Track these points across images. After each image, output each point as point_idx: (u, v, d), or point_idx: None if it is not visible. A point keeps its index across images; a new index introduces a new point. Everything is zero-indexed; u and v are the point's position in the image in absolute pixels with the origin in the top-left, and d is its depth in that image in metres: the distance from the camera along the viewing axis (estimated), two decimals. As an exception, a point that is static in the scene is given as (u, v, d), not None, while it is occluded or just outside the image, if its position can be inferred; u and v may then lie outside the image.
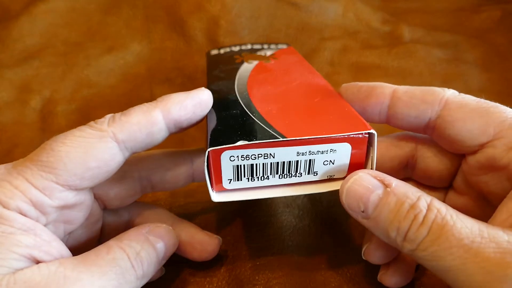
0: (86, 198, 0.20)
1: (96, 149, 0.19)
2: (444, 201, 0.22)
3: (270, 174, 0.20)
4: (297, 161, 0.20)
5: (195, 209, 0.30)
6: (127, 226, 0.24)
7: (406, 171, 0.24)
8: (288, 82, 0.24)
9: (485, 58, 0.38)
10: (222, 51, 0.32)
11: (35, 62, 0.38)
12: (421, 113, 0.21)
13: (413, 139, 0.23)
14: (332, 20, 0.40)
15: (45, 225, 0.19)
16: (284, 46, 0.33)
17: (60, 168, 0.18)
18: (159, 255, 0.20)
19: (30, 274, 0.16)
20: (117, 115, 0.20)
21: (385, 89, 0.22)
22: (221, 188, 0.20)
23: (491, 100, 0.29)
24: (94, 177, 0.19)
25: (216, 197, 0.20)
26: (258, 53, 0.31)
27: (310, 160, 0.20)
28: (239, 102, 0.22)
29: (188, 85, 0.37)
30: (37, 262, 0.17)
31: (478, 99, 0.20)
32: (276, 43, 0.33)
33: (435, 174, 0.23)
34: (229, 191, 0.20)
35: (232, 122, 0.20)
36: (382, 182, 0.19)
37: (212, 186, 0.20)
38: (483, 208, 0.21)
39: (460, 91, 0.21)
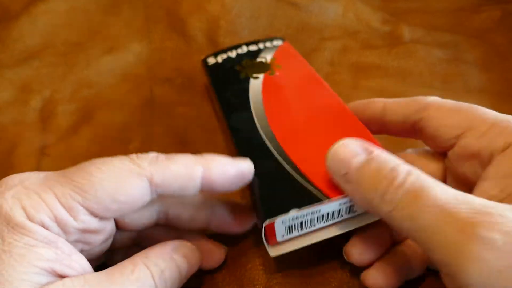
0: (108, 227, 0.20)
1: (130, 185, 0.19)
2: None
3: (317, 222, 0.22)
4: (339, 209, 0.22)
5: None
6: (134, 238, 0.24)
7: None
8: (303, 106, 0.27)
9: (485, 58, 0.38)
10: (219, 58, 0.32)
11: (35, 62, 0.38)
12: (406, 117, 0.24)
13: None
14: (332, 20, 0.40)
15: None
16: (280, 42, 0.33)
17: (91, 193, 0.18)
18: (182, 275, 0.21)
19: None
20: (161, 156, 0.20)
21: (377, 103, 0.25)
22: (275, 242, 0.22)
23: (491, 100, 0.30)
24: (119, 210, 0.19)
25: (273, 251, 0.22)
26: (258, 59, 0.31)
27: (350, 205, 0.22)
28: (269, 149, 0.24)
29: (188, 85, 0.37)
30: (59, 275, 0.17)
31: (458, 102, 0.23)
32: (271, 39, 0.33)
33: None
34: (282, 243, 0.22)
35: (277, 185, 0.22)
36: (366, 149, 0.20)
37: (268, 243, 0.22)
38: None
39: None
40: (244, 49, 0.32)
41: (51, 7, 0.41)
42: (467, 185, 0.23)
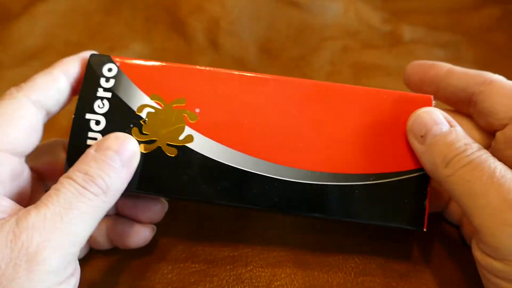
0: (24, 165, 0.23)
1: (22, 114, 0.21)
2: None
3: None
4: None
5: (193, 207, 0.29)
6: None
7: None
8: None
9: (485, 58, 0.38)
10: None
11: (36, 62, 0.38)
12: (468, 86, 0.24)
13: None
14: (333, 20, 0.40)
15: None
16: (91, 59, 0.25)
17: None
18: (113, 165, 0.20)
19: None
20: (21, 85, 0.22)
21: (443, 66, 0.25)
22: None
23: None
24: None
25: None
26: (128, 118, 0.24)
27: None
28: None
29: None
30: None
31: None
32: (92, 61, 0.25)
33: None
34: None
35: None
36: (449, 122, 0.22)
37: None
38: None
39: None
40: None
41: (51, 7, 0.40)
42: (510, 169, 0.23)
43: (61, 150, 0.26)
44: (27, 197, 0.23)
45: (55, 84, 0.23)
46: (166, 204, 0.26)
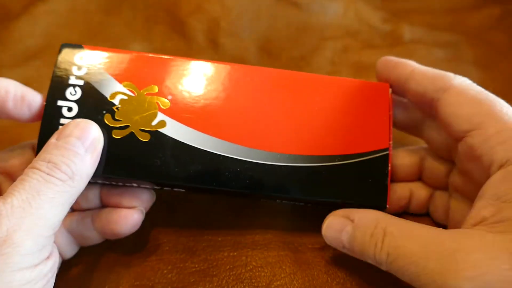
0: None
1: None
2: (449, 176, 0.25)
3: None
4: None
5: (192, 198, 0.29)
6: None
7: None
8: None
9: (485, 57, 0.38)
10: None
11: (36, 62, 0.37)
12: (427, 92, 0.23)
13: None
14: (333, 20, 0.40)
15: None
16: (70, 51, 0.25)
17: None
18: (76, 150, 0.21)
19: None
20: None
21: (408, 66, 0.25)
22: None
23: None
24: None
25: None
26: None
27: None
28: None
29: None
30: None
31: (483, 90, 0.22)
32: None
33: (439, 148, 0.25)
34: None
35: None
36: (347, 218, 0.22)
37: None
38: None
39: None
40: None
41: (51, 7, 0.40)
42: (472, 182, 0.22)
43: (30, 151, 0.26)
44: None
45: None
46: (154, 193, 0.26)
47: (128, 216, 0.24)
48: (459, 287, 0.17)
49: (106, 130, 0.23)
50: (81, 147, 0.21)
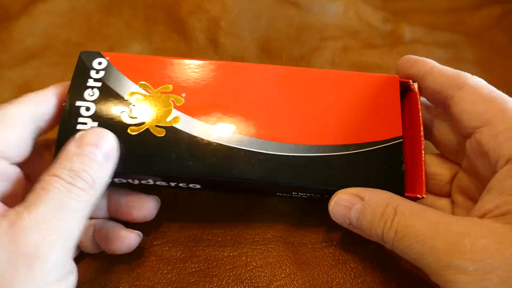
0: (15, 171, 0.23)
1: (12, 123, 0.22)
2: (455, 177, 0.25)
3: None
4: None
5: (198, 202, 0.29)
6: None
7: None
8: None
9: (485, 57, 0.38)
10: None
11: (36, 62, 0.37)
12: (442, 89, 0.23)
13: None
14: (333, 20, 0.40)
15: None
16: (99, 59, 0.26)
17: None
18: (95, 158, 0.21)
19: None
20: (13, 100, 0.23)
21: (427, 64, 0.25)
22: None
23: None
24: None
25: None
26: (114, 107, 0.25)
27: None
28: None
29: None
30: None
31: (496, 90, 0.22)
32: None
33: (447, 149, 0.25)
34: None
35: None
36: (358, 196, 0.23)
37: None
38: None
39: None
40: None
41: (51, 7, 0.40)
42: (479, 179, 0.23)
43: (44, 149, 0.26)
44: (19, 199, 0.23)
45: (46, 99, 0.24)
46: (159, 201, 0.26)
47: (126, 238, 0.25)
48: (463, 266, 0.18)
49: (123, 127, 0.24)
50: (100, 154, 0.21)
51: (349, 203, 0.23)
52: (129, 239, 0.25)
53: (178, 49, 0.38)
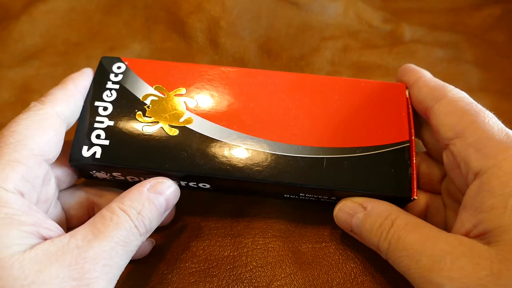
0: (51, 171, 0.24)
1: (50, 123, 0.23)
2: (442, 182, 0.26)
3: None
4: None
5: (198, 198, 0.29)
6: (88, 205, 0.26)
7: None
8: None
9: (485, 57, 0.38)
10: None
11: (36, 62, 0.38)
12: (424, 100, 0.24)
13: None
14: (333, 20, 0.40)
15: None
16: (118, 64, 0.28)
17: (27, 144, 0.21)
18: (160, 210, 0.23)
19: (47, 247, 0.18)
20: (42, 99, 0.24)
21: (416, 74, 0.26)
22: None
23: (492, 99, 0.29)
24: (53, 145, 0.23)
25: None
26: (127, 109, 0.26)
27: None
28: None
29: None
30: (43, 237, 0.19)
31: (473, 102, 0.23)
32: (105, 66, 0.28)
33: (434, 151, 0.26)
34: None
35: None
36: (361, 205, 0.23)
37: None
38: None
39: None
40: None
41: (51, 7, 0.40)
42: (458, 188, 0.23)
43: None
44: (50, 202, 0.24)
45: (73, 97, 0.25)
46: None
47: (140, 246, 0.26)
48: (441, 284, 0.19)
49: (138, 126, 0.25)
50: (164, 208, 0.23)
51: (352, 211, 0.24)
52: (142, 245, 0.25)
53: (178, 49, 0.38)
